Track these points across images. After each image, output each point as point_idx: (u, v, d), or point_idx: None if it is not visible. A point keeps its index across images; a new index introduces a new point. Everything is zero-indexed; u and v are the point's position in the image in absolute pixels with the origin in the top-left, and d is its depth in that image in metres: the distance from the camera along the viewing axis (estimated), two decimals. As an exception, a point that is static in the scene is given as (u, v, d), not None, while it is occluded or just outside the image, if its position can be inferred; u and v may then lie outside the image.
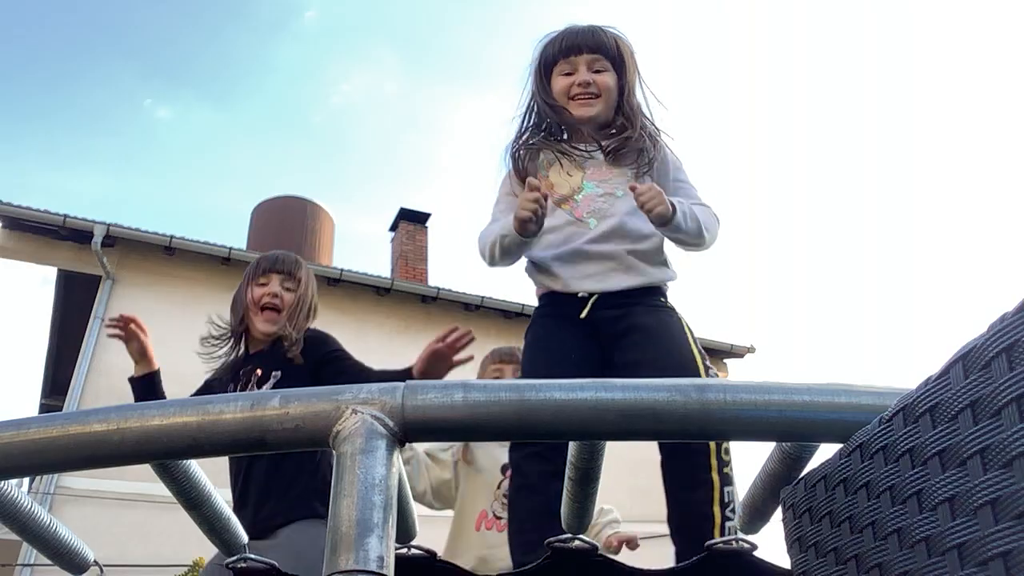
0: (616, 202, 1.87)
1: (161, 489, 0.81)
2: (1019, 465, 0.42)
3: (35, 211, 8.98)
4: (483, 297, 10.79)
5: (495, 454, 2.36)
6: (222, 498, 0.85)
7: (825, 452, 0.71)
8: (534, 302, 1.97)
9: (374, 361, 2.12)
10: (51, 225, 9.06)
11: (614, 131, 1.94)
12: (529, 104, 2.02)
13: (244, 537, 0.91)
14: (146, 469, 0.74)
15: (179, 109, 32.99)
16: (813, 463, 0.72)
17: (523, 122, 2.02)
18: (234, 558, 0.90)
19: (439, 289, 10.74)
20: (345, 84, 34.31)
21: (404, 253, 13.14)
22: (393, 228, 13.90)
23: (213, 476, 0.86)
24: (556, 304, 1.85)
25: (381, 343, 10.34)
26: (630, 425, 0.64)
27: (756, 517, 0.88)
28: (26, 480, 8.62)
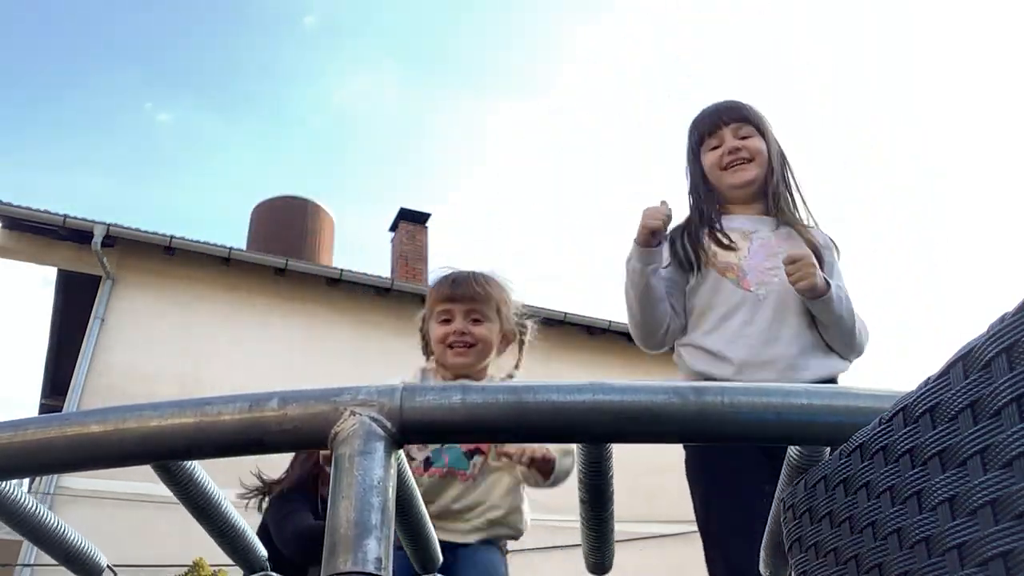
0: (785, 278, 1.71)
1: (161, 489, 0.80)
2: (1019, 465, 0.42)
3: (35, 211, 8.98)
4: (483, 297, 10.77)
5: None
6: (231, 504, 0.83)
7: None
8: (534, 302, 1.95)
9: (374, 361, 2.11)
10: (51, 225, 9.06)
11: (774, 203, 1.88)
12: (691, 194, 1.96)
13: (262, 550, 0.88)
14: (146, 469, 0.74)
15: (179, 113, 33.03)
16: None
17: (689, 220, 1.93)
18: (257, 575, 0.88)
19: (439, 289, 10.72)
20: (345, 87, 34.36)
21: (404, 253, 13.14)
22: (393, 228, 13.91)
23: (214, 475, 0.85)
24: None
25: (381, 343, 10.34)
26: (628, 427, 0.63)
27: (780, 555, 0.80)
28: (26, 481, 8.62)
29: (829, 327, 1.71)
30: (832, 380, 1.69)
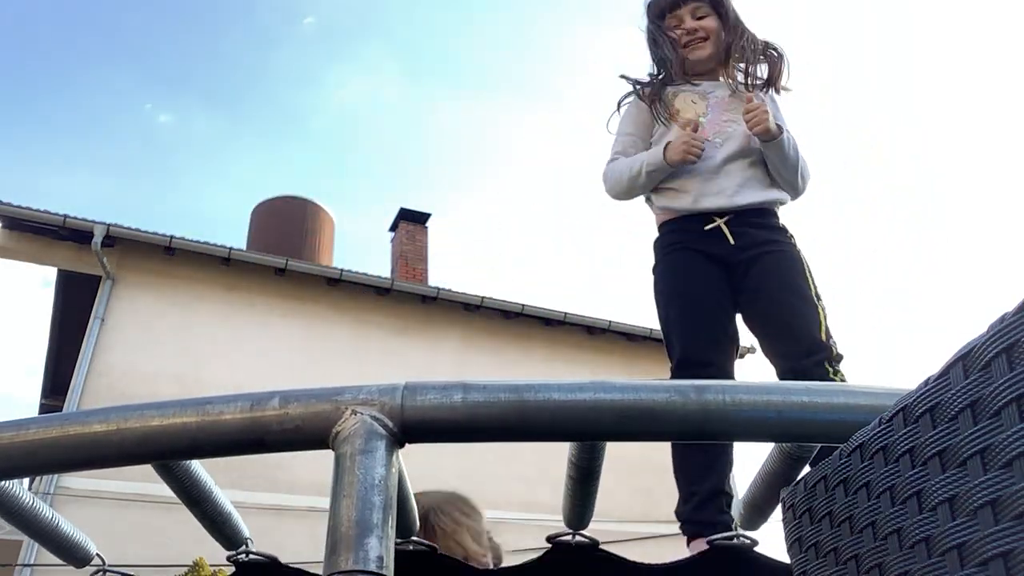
0: (739, 126, 2.01)
1: (161, 489, 0.81)
2: (1019, 465, 0.42)
3: (35, 211, 8.98)
4: (483, 297, 10.78)
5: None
6: (224, 496, 0.86)
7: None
8: (534, 302, 2.02)
9: (374, 361, 2.12)
10: (51, 225, 9.06)
11: (734, 63, 2.12)
12: (652, 54, 2.19)
13: (246, 531, 0.91)
14: (146, 469, 0.74)
15: (180, 114, 33.04)
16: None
17: (652, 71, 2.19)
18: (237, 551, 0.90)
19: (439, 289, 10.73)
20: (345, 87, 34.36)
21: (404, 253, 13.14)
22: (393, 228, 13.90)
23: (215, 475, 0.86)
24: (684, 231, 1.97)
25: (381, 343, 10.35)
26: (629, 426, 0.64)
27: (756, 514, 0.89)
28: (26, 480, 8.60)
29: (779, 166, 1.99)
30: (768, 207, 2.00)
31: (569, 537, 0.95)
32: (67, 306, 10.04)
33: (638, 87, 2.16)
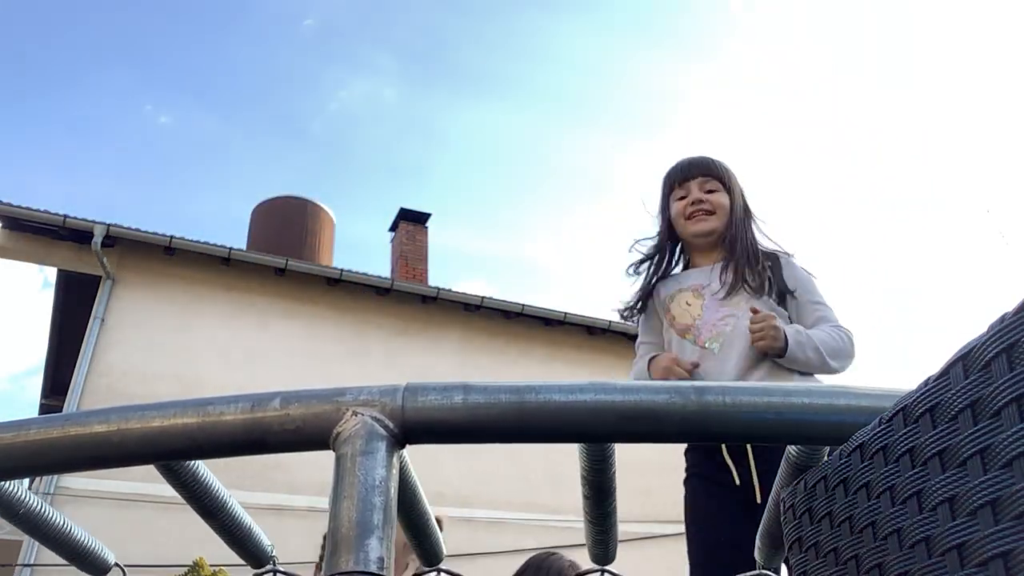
0: (739, 322, 1.92)
1: (161, 489, 0.81)
2: (1019, 465, 0.42)
3: (35, 211, 8.98)
4: (483, 297, 10.79)
5: None
6: (237, 503, 0.83)
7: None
8: (534, 302, 2.04)
9: (374, 362, 2.13)
10: (51, 225, 9.06)
11: (730, 254, 2.04)
12: (658, 236, 2.17)
13: (268, 544, 0.89)
14: (146, 469, 0.74)
15: (180, 116, 33.04)
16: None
17: (653, 258, 2.16)
18: (263, 570, 0.88)
19: (439, 289, 10.74)
20: (344, 88, 34.36)
21: (404, 253, 13.14)
22: (393, 228, 13.90)
23: (216, 475, 0.86)
24: (703, 464, 1.89)
25: (381, 343, 10.35)
26: (630, 427, 0.64)
27: (775, 548, 0.85)
28: (26, 481, 8.57)
29: (801, 370, 1.89)
30: None
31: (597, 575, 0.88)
32: (67, 306, 10.04)
33: (629, 308, 2.13)
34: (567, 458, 0.84)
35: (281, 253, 10.75)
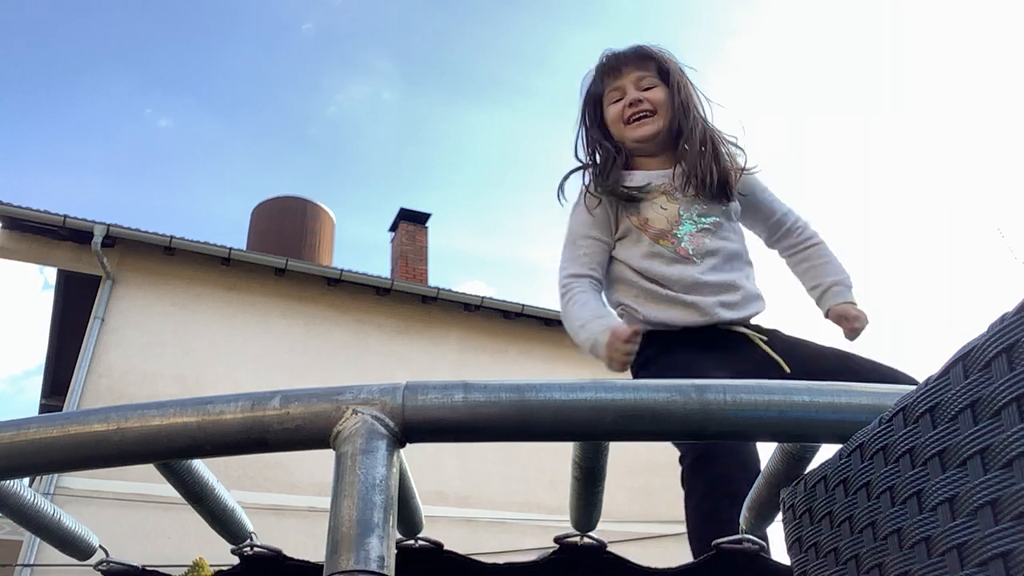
0: (716, 235, 1.76)
1: (161, 489, 0.82)
2: (1019, 465, 0.42)
3: (35, 211, 8.98)
4: (483, 297, 10.78)
5: None
6: (223, 488, 0.87)
7: (826, 451, 0.71)
8: (534, 302, 1.93)
9: (374, 362, 2.12)
10: (51, 225, 9.06)
11: (683, 157, 1.80)
12: (588, 145, 1.87)
13: (249, 526, 0.92)
14: (146, 469, 0.74)
15: (179, 118, 33.08)
16: (814, 463, 0.73)
17: (592, 163, 1.85)
18: (241, 544, 0.91)
19: (439, 289, 10.73)
20: (343, 91, 34.40)
21: (404, 253, 13.13)
22: (393, 228, 13.90)
23: (216, 477, 0.87)
24: (695, 339, 1.66)
25: (381, 343, 10.34)
26: (630, 425, 0.64)
27: (761, 517, 0.88)
28: (26, 480, 8.56)
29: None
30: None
31: (576, 538, 0.95)
32: (67, 306, 10.03)
33: (591, 190, 1.80)
34: (567, 458, 0.85)
35: (281, 253, 10.74)
